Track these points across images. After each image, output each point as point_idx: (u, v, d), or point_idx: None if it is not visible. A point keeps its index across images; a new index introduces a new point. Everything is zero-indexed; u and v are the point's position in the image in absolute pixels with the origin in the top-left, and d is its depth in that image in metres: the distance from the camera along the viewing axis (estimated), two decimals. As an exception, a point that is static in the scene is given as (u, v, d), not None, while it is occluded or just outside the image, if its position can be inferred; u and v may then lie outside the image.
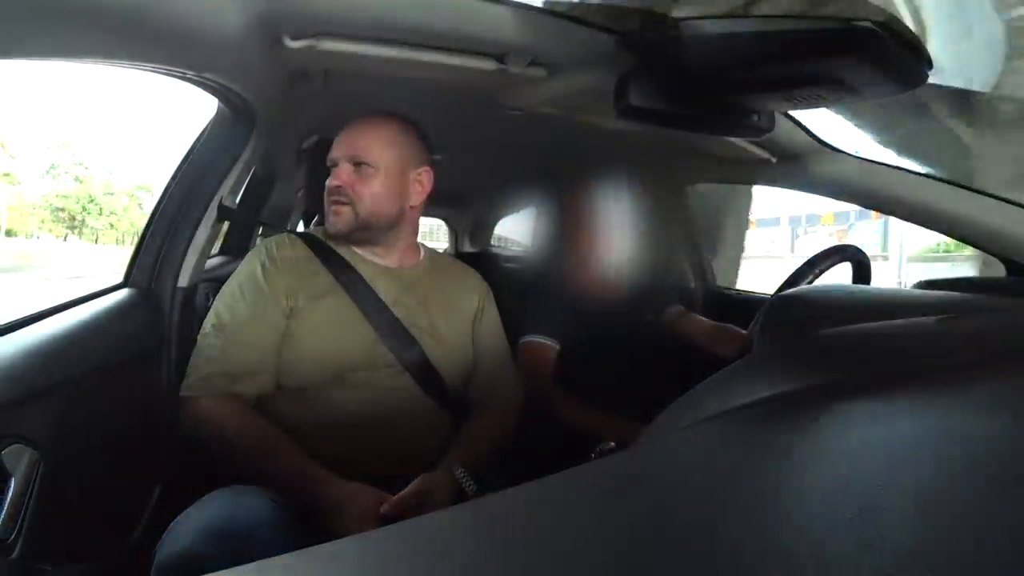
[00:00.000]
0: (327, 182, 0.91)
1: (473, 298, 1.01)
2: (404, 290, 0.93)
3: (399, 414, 0.86)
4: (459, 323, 0.98)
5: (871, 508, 0.19)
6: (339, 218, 0.90)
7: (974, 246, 1.04)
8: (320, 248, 0.92)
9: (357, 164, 0.90)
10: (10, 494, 0.55)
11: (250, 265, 0.88)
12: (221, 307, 0.86)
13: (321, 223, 0.97)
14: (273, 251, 0.89)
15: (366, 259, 0.93)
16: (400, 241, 0.96)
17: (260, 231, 1.66)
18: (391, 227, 0.93)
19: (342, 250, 0.92)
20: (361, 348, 0.86)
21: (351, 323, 0.87)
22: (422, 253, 1.01)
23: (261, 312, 0.84)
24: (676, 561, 0.19)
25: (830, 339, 0.39)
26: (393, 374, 0.87)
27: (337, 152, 0.91)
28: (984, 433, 0.24)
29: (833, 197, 1.22)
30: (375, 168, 0.90)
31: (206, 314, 0.88)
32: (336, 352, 0.84)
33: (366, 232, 0.91)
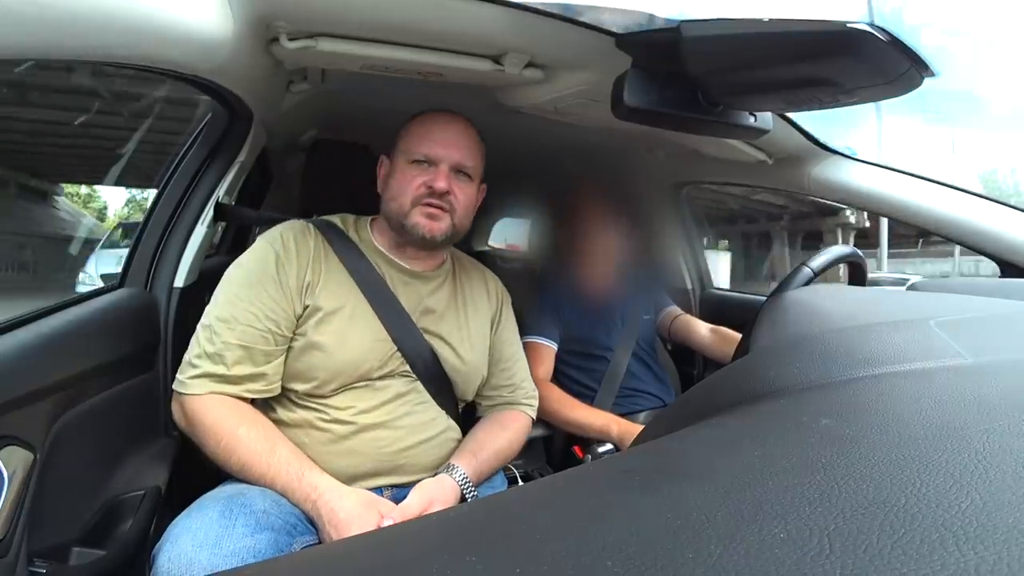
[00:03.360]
0: (433, 183, 0.80)
1: (492, 303, 0.98)
2: (425, 296, 0.88)
3: (408, 421, 0.83)
4: (477, 329, 0.93)
5: (871, 507, 0.20)
6: (438, 223, 0.81)
7: (968, 247, 1.05)
8: (340, 241, 0.83)
9: (457, 171, 0.83)
10: (4, 495, 0.54)
11: (262, 253, 0.79)
12: (227, 296, 0.77)
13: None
14: (290, 241, 0.80)
15: (392, 261, 0.87)
16: (441, 252, 0.91)
17: (258, 230, 1.65)
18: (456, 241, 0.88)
19: (365, 248, 0.86)
20: (378, 356, 0.81)
21: (369, 329, 0.81)
22: (446, 253, 0.94)
23: (272, 309, 0.76)
24: (676, 561, 0.19)
25: (826, 340, 0.39)
26: (407, 382, 0.84)
27: (438, 151, 0.82)
28: (983, 432, 0.24)
29: (829, 199, 1.23)
30: (471, 178, 0.85)
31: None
32: (351, 359, 0.79)
33: (446, 243, 0.85)
